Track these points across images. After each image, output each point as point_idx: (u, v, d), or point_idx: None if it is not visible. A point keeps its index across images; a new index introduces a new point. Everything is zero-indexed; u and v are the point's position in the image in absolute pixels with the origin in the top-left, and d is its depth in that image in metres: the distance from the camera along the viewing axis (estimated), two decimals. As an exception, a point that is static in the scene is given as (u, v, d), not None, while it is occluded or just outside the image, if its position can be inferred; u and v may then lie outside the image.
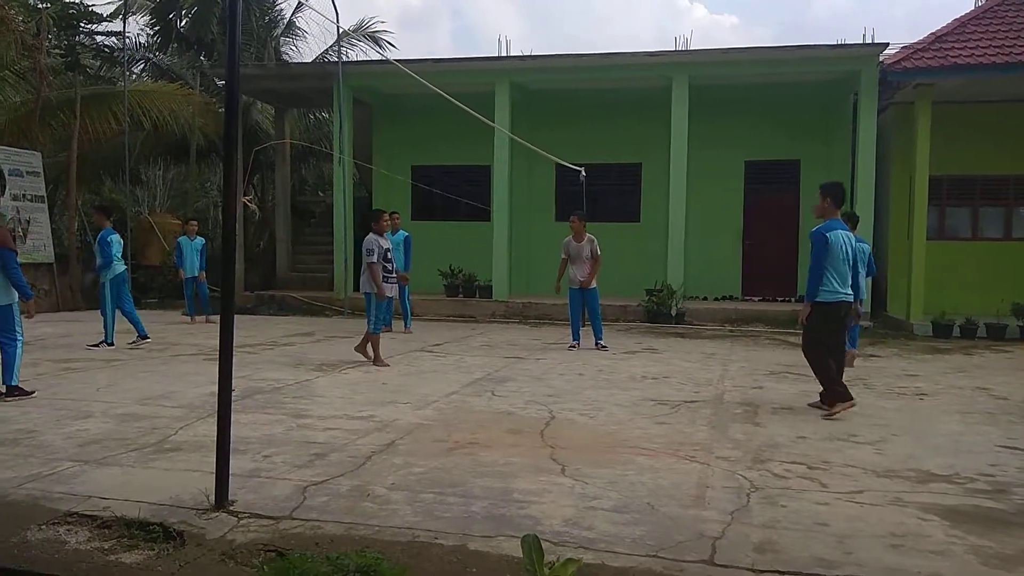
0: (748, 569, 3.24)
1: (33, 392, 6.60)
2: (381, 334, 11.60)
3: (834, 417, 6.08)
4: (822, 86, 14.76)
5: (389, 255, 8.91)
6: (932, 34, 13.05)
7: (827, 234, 6.25)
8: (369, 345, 8.82)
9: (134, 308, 10.09)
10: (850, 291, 6.40)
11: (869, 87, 13.33)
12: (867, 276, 8.56)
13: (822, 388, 6.37)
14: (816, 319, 6.31)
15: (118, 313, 9.89)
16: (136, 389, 7.00)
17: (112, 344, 9.58)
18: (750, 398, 7.00)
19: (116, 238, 9.98)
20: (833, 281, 6.24)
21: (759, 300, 15.10)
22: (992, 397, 7.26)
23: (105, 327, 9.75)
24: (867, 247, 8.26)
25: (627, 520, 3.78)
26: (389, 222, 9.43)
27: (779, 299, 14.73)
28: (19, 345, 6.65)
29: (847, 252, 6.34)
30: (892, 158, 14.11)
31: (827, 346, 6.36)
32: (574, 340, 10.37)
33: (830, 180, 7.16)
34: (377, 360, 8.71)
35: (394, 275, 9.09)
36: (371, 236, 8.79)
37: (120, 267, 9.97)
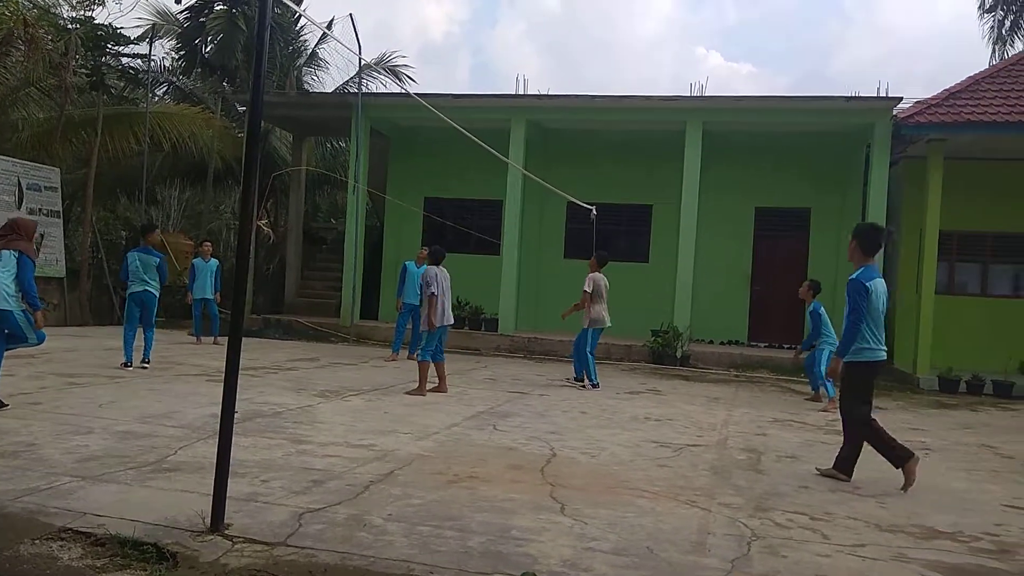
0: (746, 619, 3.19)
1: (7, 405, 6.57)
2: (388, 362, 11.76)
3: (912, 484, 5.41)
4: (835, 137, 14.87)
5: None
6: (946, 90, 13.17)
7: (867, 283, 5.59)
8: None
9: (131, 332, 9.71)
10: (885, 347, 5.74)
11: (882, 140, 13.43)
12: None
13: (843, 452, 5.74)
14: (856, 379, 5.68)
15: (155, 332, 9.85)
16: (138, 407, 7.00)
17: (129, 364, 9.52)
18: (754, 445, 6.94)
19: (131, 256, 9.85)
20: (871, 337, 5.61)
21: (765, 346, 15.05)
22: (998, 455, 7.18)
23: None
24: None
25: (626, 563, 3.73)
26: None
27: (785, 346, 14.66)
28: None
29: (884, 304, 5.73)
30: (903, 211, 14.15)
31: (870, 404, 5.74)
32: (583, 378, 10.33)
33: (866, 223, 6.32)
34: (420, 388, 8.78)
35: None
36: (432, 269, 8.92)
37: (133, 287, 9.84)
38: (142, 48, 18.02)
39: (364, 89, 16.74)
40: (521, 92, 16.09)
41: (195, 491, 4.40)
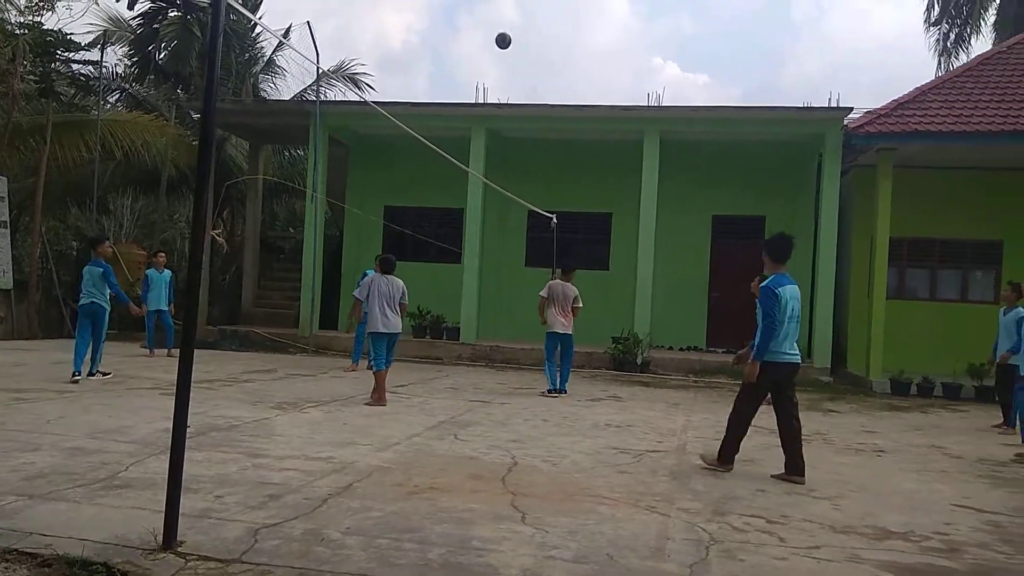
0: (704, 624, 3.21)
1: None
2: (347, 373, 11.62)
3: (706, 468, 6.10)
4: (788, 146, 15.17)
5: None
6: (894, 101, 13.53)
7: (776, 289, 5.94)
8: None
9: (82, 344, 9.44)
10: (797, 351, 6.09)
11: (833, 149, 13.75)
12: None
13: (787, 458, 6.02)
14: (762, 378, 5.98)
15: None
16: (88, 422, 6.81)
17: (78, 374, 9.26)
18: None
19: (86, 270, 9.66)
20: (781, 340, 5.92)
21: (723, 351, 15.22)
22: (947, 456, 7.38)
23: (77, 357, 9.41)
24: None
25: (586, 571, 3.74)
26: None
27: (743, 351, 14.85)
28: None
29: (796, 308, 6.04)
30: (854, 218, 14.49)
31: (756, 407, 6.16)
32: (557, 389, 10.33)
33: (774, 234, 6.65)
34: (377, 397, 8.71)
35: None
36: (373, 275, 9.06)
37: (82, 299, 9.62)
38: (93, 54, 17.64)
39: (322, 97, 16.60)
40: (481, 101, 16.12)
41: (147, 508, 4.29)
